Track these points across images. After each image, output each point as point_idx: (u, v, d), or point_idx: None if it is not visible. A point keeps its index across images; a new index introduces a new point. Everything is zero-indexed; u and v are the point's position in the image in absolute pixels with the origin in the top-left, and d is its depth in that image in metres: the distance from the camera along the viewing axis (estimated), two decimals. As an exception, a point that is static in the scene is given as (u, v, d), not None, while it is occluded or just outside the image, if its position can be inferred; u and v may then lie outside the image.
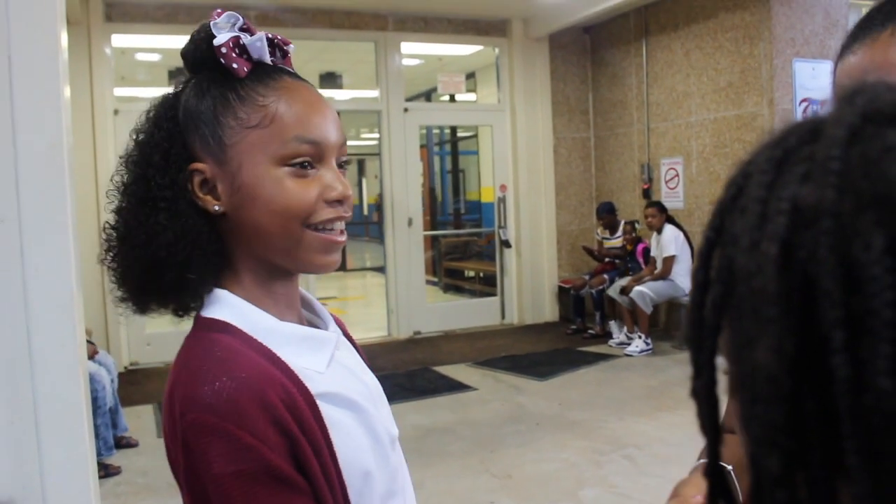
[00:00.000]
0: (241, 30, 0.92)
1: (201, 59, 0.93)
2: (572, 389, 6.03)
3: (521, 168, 8.50)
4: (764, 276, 0.37)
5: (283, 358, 0.87)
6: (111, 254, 0.92)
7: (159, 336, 7.40)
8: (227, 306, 0.90)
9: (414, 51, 8.76)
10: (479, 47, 8.79)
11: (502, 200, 8.61)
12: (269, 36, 0.94)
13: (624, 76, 8.34)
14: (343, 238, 0.93)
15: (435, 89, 9.89)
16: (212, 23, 0.92)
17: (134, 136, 0.94)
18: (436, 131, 13.25)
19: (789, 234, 0.36)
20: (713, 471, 0.43)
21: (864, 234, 0.33)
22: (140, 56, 8.80)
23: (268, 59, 0.93)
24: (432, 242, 11.46)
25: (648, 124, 7.99)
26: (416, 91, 10.47)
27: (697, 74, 7.35)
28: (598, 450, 4.65)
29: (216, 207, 0.90)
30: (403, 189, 8.12)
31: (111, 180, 0.94)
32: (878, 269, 0.32)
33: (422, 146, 9.69)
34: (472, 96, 10.47)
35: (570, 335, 7.89)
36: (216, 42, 0.91)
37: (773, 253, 0.36)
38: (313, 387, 0.87)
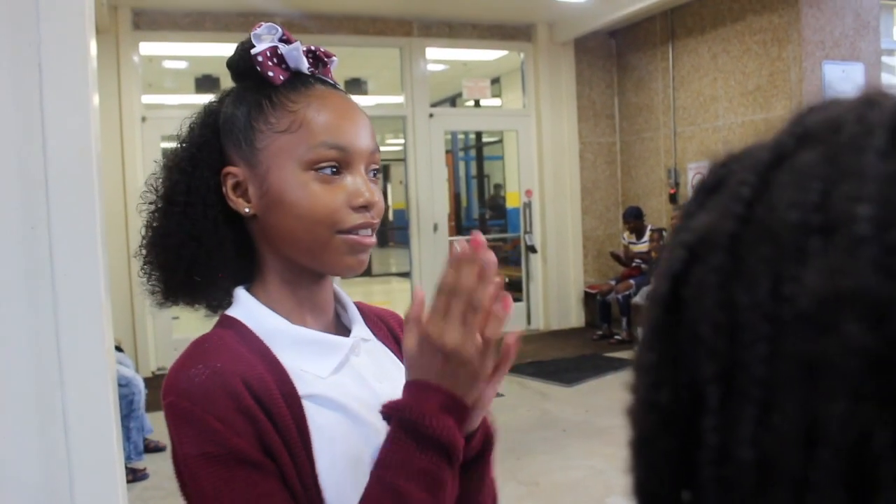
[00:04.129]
0: (281, 40, 0.95)
1: (244, 70, 0.96)
2: (599, 396, 5.99)
3: (546, 173, 8.47)
4: (649, 318, 0.33)
5: (281, 358, 0.90)
6: (142, 251, 0.98)
7: (186, 341, 7.37)
8: (242, 306, 0.96)
9: (439, 56, 8.77)
10: (505, 52, 8.79)
11: (528, 206, 8.59)
12: (311, 47, 0.97)
13: (650, 80, 8.29)
14: (371, 240, 0.94)
15: (460, 94, 9.88)
16: (252, 34, 0.96)
17: (176, 143, 1.00)
18: (461, 136, 13.24)
19: (683, 270, 0.31)
20: None
21: (750, 273, 0.28)
22: (167, 63, 8.88)
23: (304, 68, 0.96)
24: (457, 248, 11.43)
25: (675, 128, 7.94)
26: (441, 96, 10.47)
27: (725, 78, 7.28)
28: (626, 457, 4.60)
29: (247, 210, 0.94)
30: (429, 194, 8.12)
31: (146, 183, 1.00)
32: (755, 316, 0.27)
33: (447, 151, 9.69)
34: (497, 101, 10.45)
35: (597, 341, 7.85)
36: (253, 51, 0.94)
37: (663, 291, 0.32)
38: (304, 388, 0.90)
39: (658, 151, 8.22)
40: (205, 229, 0.94)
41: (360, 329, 1.02)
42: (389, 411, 0.83)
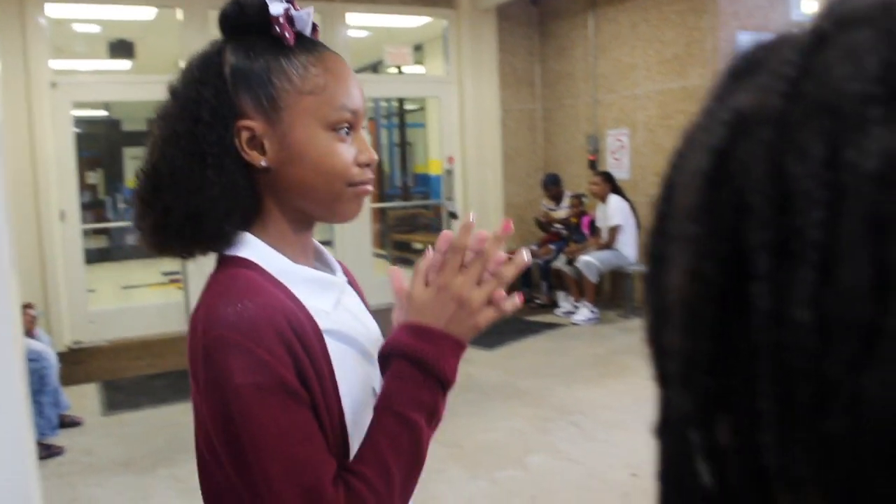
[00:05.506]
0: (288, 1, 1.02)
1: (244, 24, 1.01)
2: (520, 358, 6.10)
3: (468, 140, 8.49)
4: (689, 191, 0.34)
5: (297, 295, 0.98)
6: (145, 202, 0.99)
7: (103, 314, 7.28)
8: (251, 247, 1.00)
9: (360, 22, 8.66)
10: (428, 19, 8.73)
11: (450, 173, 8.61)
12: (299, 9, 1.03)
13: (571, 48, 8.36)
14: (371, 189, 1.05)
15: (381, 61, 9.80)
16: None
17: (173, 92, 1.01)
18: (383, 104, 13.16)
19: (726, 146, 0.32)
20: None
21: (803, 144, 0.29)
22: (77, 27, 8.56)
23: (308, 31, 1.04)
24: (380, 215, 11.42)
25: (595, 96, 8.04)
26: (363, 63, 10.37)
27: (643, 47, 7.40)
28: (546, 417, 4.72)
29: (262, 163, 0.98)
30: (351, 162, 8.05)
31: (148, 135, 1.01)
32: (811, 183, 0.28)
33: (370, 119, 9.62)
34: (420, 68, 10.40)
35: (519, 306, 7.95)
36: (274, 12, 0.99)
37: (704, 166, 0.33)
38: (321, 323, 0.97)
39: (578, 119, 8.32)
40: (237, 181, 0.98)
41: (339, 271, 1.12)
42: (405, 350, 0.96)
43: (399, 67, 9.86)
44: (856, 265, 0.27)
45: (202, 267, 1.07)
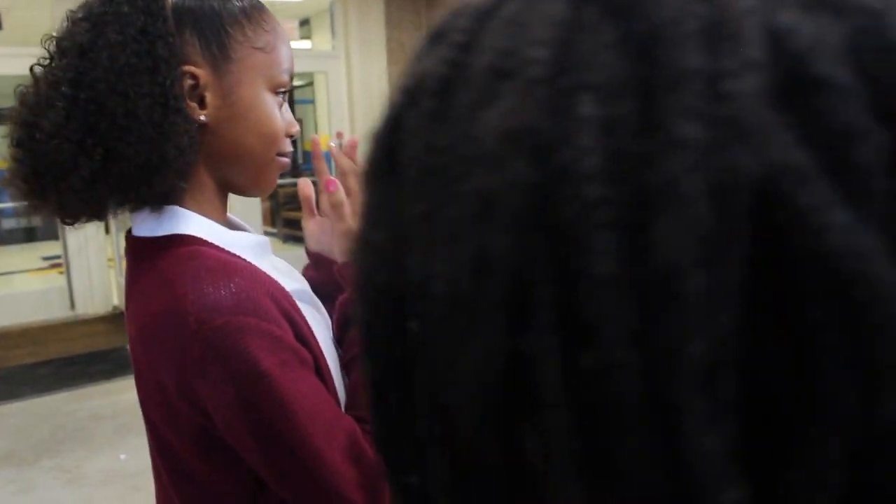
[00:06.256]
0: None
1: None
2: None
3: (357, 116, 8.45)
4: (369, 160, 0.33)
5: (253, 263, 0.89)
6: (79, 146, 0.81)
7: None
8: (188, 221, 0.89)
9: (243, -5, 8.45)
10: (312, -8, 8.60)
11: (339, 148, 8.54)
12: None
13: (457, 23, 8.39)
14: (289, 163, 0.99)
15: (267, 35, 9.62)
16: None
17: (101, 18, 0.83)
18: (270, 79, 12.90)
19: (400, 114, 0.32)
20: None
21: (452, 116, 0.29)
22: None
23: None
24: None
25: (482, 71, 8.11)
26: (248, 37, 10.13)
27: (527, 22, 7.51)
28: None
29: (201, 117, 0.87)
30: (238, 139, 7.90)
31: (64, 68, 0.83)
32: (451, 158, 0.28)
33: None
34: (306, 43, 10.24)
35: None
36: None
37: (381, 134, 0.33)
38: (286, 286, 0.90)
39: (466, 94, 8.38)
40: (195, 133, 0.86)
41: (254, 230, 1.03)
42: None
43: (286, 42, 9.69)
44: (463, 244, 0.27)
45: (84, 250, 1.02)
